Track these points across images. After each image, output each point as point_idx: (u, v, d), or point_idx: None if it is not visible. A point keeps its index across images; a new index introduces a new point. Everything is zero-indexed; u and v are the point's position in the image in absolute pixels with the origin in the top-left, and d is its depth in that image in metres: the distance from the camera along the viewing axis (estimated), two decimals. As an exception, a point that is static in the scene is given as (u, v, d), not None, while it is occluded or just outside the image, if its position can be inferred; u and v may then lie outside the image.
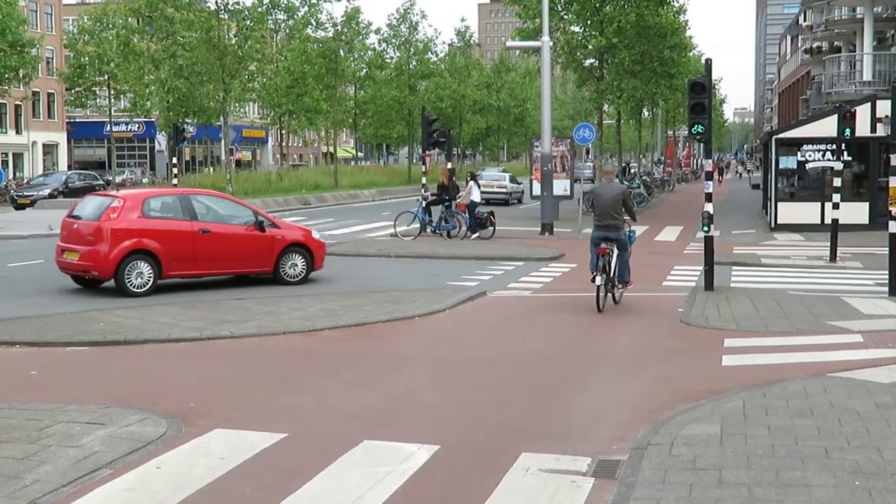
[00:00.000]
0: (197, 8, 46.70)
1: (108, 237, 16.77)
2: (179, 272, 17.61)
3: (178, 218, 17.65)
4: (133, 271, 16.87)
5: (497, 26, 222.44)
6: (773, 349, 12.23)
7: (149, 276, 17.00)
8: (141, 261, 16.93)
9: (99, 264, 16.85)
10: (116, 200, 17.47)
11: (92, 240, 16.92)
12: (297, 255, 18.74)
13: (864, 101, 32.00)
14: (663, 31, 40.61)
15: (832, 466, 7.06)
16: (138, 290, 16.81)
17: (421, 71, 70.60)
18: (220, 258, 17.99)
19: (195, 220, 17.74)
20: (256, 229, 18.30)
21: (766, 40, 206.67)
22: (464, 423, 8.80)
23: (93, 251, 16.85)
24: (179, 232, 17.44)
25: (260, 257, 18.34)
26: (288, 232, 18.92)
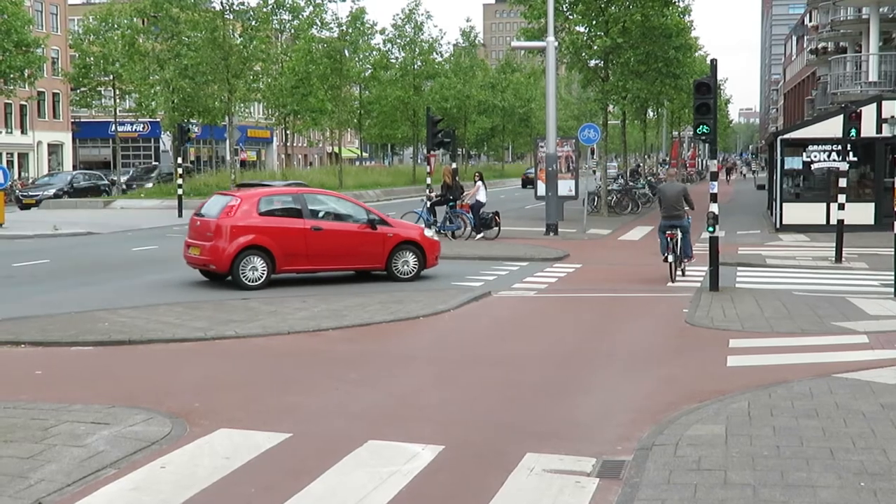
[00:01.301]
0: (202, 8, 46.78)
1: (225, 234, 17.79)
2: (292, 267, 18.47)
3: (291, 216, 18.55)
4: (247, 266, 17.81)
5: (502, 26, 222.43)
6: (778, 350, 12.21)
7: (262, 270, 17.93)
8: (255, 256, 17.86)
9: (216, 259, 17.85)
10: (234, 199, 18.55)
11: (211, 236, 17.98)
12: (409, 252, 19.28)
13: (870, 101, 31.95)
14: (668, 32, 40.53)
15: (837, 467, 7.04)
16: (252, 283, 17.77)
17: (426, 71, 70.56)
18: (332, 255, 18.72)
19: (308, 218, 18.56)
20: (368, 227, 18.91)
21: (771, 41, 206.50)
22: (468, 423, 8.80)
23: (212, 247, 17.88)
24: (292, 229, 18.32)
25: (371, 254, 18.96)
26: (400, 230, 19.45)
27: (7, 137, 71.34)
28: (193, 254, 18.45)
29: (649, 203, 45.67)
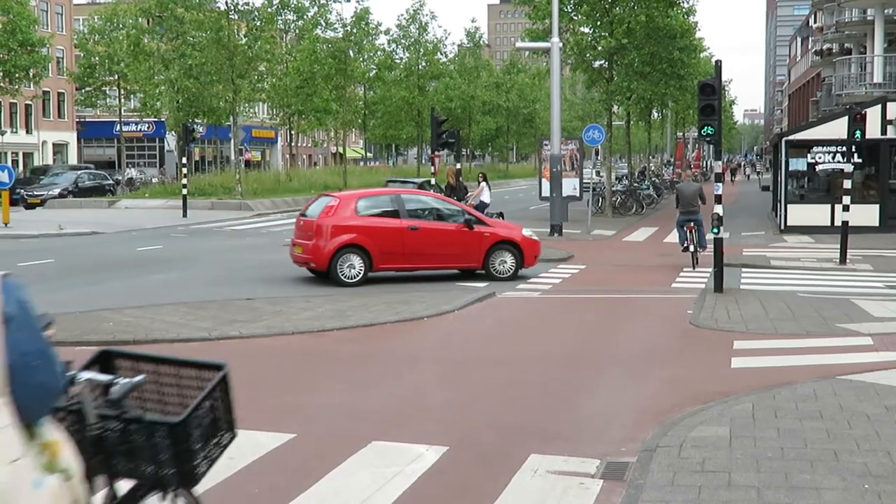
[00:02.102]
0: (207, 8, 46.80)
1: (324, 233, 18.58)
2: (389, 265, 19.09)
3: (389, 216, 19.25)
4: (345, 263, 18.51)
5: (506, 27, 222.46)
6: (782, 351, 12.21)
7: (360, 268, 18.61)
8: (353, 254, 18.58)
9: (316, 257, 18.63)
10: (333, 200, 19.59)
11: (312, 235, 18.76)
12: (507, 252, 19.52)
13: (875, 102, 31.93)
14: (673, 33, 40.54)
15: (841, 469, 7.04)
16: (350, 280, 18.46)
17: (430, 72, 70.56)
18: (428, 254, 19.21)
19: (405, 217, 19.17)
20: (464, 227, 19.31)
21: (776, 42, 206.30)
22: (472, 424, 8.80)
23: (312, 245, 18.67)
24: (389, 228, 18.98)
25: (468, 253, 19.32)
26: (497, 229, 19.74)
27: (12, 137, 71.39)
28: (297, 252, 19.23)
29: (654, 204, 45.68)
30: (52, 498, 3.30)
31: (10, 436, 3.22)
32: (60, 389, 3.62)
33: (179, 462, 4.39)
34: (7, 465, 3.12)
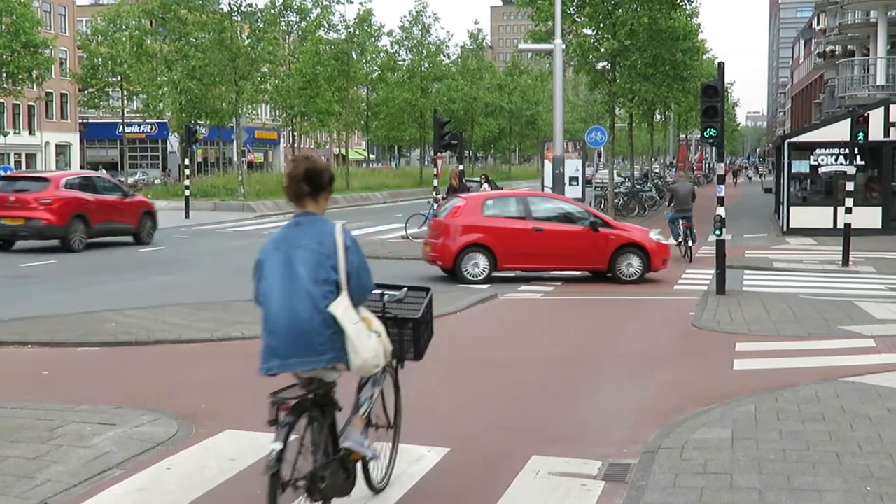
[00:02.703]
0: (210, 10, 46.87)
1: (450, 232, 19.41)
2: (514, 265, 19.63)
3: (513, 217, 19.77)
4: (470, 262, 19.24)
5: (509, 29, 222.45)
6: (784, 353, 12.20)
7: (484, 267, 19.27)
8: (478, 253, 19.25)
9: (443, 255, 19.49)
10: (461, 201, 20.38)
11: (439, 235, 19.61)
12: (633, 254, 19.63)
13: (878, 104, 31.94)
14: (676, 35, 40.55)
15: (844, 471, 7.03)
16: (474, 278, 19.12)
17: (433, 73, 70.60)
18: (552, 254, 19.55)
19: (530, 219, 19.66)
20: (589, 229, 19.51)
21: (779, 44, 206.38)
22: (474, 425, 8.79)
23: (439, 244, 19.50)
24: (514, 229, 19.51)
25: (592, 255, 19.51)
26: (623, 232, 19.86)
27: (15, 138, 71.55)
28: (427, 251, 20.08)
29: (656, 206, 45.64)
30: (377, 343, 5.81)
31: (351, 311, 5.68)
32: (371, 288, 6.02)
33: (415, 344, 6.86)
34: (353, 325, 5.65)
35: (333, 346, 5.67)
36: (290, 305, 5.69)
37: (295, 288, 5.68)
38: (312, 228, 5.77)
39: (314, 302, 5.65)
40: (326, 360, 5.69)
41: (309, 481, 5.66)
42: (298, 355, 5.68)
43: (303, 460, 5.69)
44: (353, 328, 5.68)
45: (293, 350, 5.69)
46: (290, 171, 5.87)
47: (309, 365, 5.70)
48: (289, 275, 5.71)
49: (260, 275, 5.88)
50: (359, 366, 5.75)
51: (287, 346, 5.70)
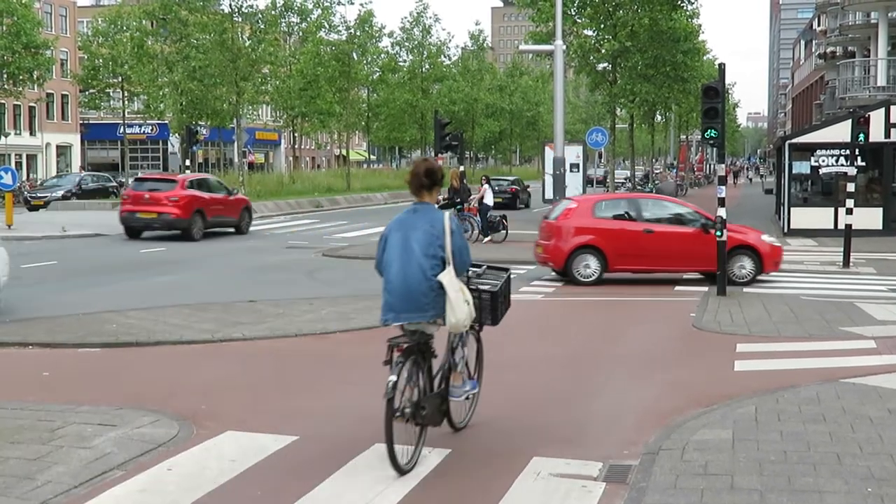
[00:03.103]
0: (211, 11, 46.89)
1: (562, 234, 19.67)
2: (624, 267, 19.67)
3: (625, 219, 19.92)
4: (581, 263, 19.40)
5: (510, 30, 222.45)
6: (785, 354, 12.20)
7: (595, 268, 19.42)
8: (589, 255, 19.41)
9: (554, 256, 19.73)
10: (572, 203, 20.82)
11: (550, 236, 19.86)
12: (745, 257, 19.61)
13: (879, 106, 31.93)
14: (676, 36, 40.59)
15: (844, 473, 7.03)
16: (585, 279, 19.32)
17: (434, 74, 70.65)
18: (663, 256, 19.56)
19: (641, 221, 19.81)
20: (701, 231, 19.42)
21: (779, 45, 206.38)
22: (475, 426, 8.79)
23: (551, 246, 19.76)
24: (625, 231, 19.65)
25: (703, 257, 19.12)
26: (735, 234, 19.70)
27: (16, 139, 71.55)
28: (539, 252, 20.31)
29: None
30: (469, 308, 7.52)
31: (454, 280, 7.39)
32: (469, 264, 7.75)
33: (493, 312, 8.34)
34: (455, 292, 7.35)
35: (435, 307, 7.48)
36: (405, 273, 7.46)
37: (410, 260, 7.45)
38: (426, 215, 7.62)
39: (423, 272, 7.42)
40: (429, 316, 7.52)
41: (413, 409, 7.39)
42: (409, 311, 7.51)
43: (409, 392, 7.38)
44: (454, 294, 7.45)
45: (405, 307, 7.51)
46: (413, 169, 7.89)
47: (416, 319, 7.54)
48: (406, 250, 7.48)
49: (383, 248, 7.70)
50: (453, 323, 7.51)
51: (401, 303, 7.52)
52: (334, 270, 21.73)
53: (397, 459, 7.21)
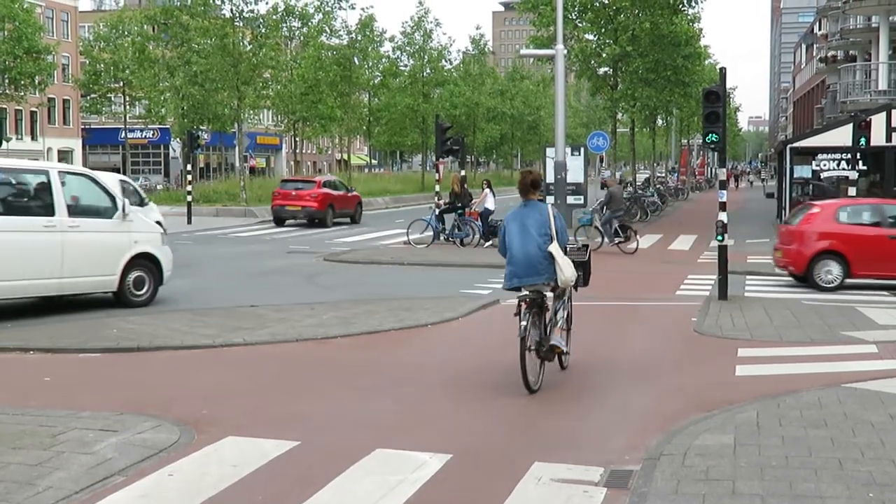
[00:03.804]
0: (212, 15, 46.90)
1: (803, 239, 19.81)
2: (868, 273, 19.65)
3: (868, 224, 20.07)
4: (822, 269, 19.53)
5: (511, 34, 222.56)
6: (787, 359, 12.19)
7: (837, 274, 19.51)
8: (830, 260, 19.51)
9: (795, 261, 19.91)
10: (814, 208, 20.74)
11: (792, 241, 20.06)
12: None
13: (880, 110, 31.94)
14: (677, 40, 40.59)
15: (846, 478, 7.02)
16: (827, 285, 19.41)
17: (435, 79, 70.65)
18: None
19: (885, 226, 19.82)
20: None
21: (780, 49, 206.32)
22: (476, 431, 8.79)
23: (792, 251, 19.95)
24: (869, 236, 19.69)
25: None
26: None
27: (17, 144, 71.55)
28: (778, 256, 20.58)
29: (658, 211, 45.67)
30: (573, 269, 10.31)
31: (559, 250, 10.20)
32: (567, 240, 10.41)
33: (585, 277, 11.11)
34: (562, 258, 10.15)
35: (548, 271, 10.21)
36: (526, 249, 10.19)
37: (528, 239, 10.19)
38: (535, 207, 10.43)
39: (539, 246, 10.17)
40: (544, 278, 10.25)
41: (537, 346, 10.24)
42: (530, 276, 10.21)
43: (533, 332, 10.11)
44: (562, 259, 10.23)
45: (527, 273, 10.21)
46: (521, 178, 10.67)
47: (535, 281, 10.23)
48: (524, 232, 10.23)
49: (503, 234, 10.49)
50: (563, 280, 10.26)
51: (524, 271, 10.22)
52: (335, 275, 21.73)
53: (529, 382, 10.04)
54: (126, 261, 16.10)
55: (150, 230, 16.95)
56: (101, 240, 15.80)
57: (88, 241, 15.54)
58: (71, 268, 15.27)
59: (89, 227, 15.61)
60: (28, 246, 14.70)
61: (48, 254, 14.94)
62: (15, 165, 16.27)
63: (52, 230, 14.96)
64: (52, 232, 14.96)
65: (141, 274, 16.42)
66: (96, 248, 15.68)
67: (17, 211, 14.87)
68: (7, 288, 14.71)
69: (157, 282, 16.78)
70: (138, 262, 16.35)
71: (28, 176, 15.52)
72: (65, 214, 15.13)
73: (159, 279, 16.81)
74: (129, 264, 16.18)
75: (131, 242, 16.21)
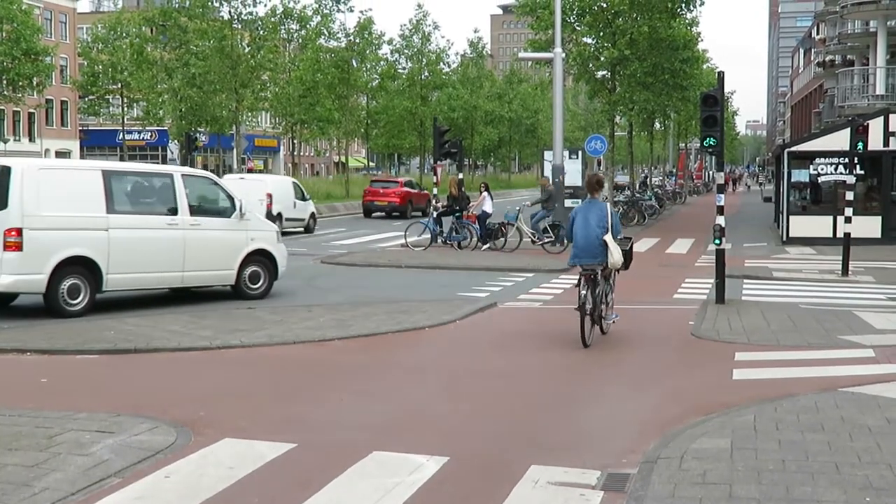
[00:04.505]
0: (210, 17, 46.91)
1: None
2: None
3: None
4: None
5: (509, 37, 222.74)
6: (784, 363, 12.19)
7: None
8: None
9: None
10: None
11: None
12: None
13: (877, 114, 31.92)
14: (676, 44, 40.56)
15: (843, 482, 7.02)
16: None
17: (433, 81, 70.67)
18: None
19: None
20: None
21: (778, 53, 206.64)
22: (473, 434, 8.79)
23: None
24: None
25: None
26: None
27: (15, 145, 71.55)
28: None
29: (656, 215, 45.68)
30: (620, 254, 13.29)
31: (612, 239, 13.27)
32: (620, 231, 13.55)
33: (627, 262, 13.57)
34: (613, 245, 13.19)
35: (601, 255, 13.07)
36: (586, 236, 13.09)
37: (589, 229, 13.09)
38: (596, 205, 13.38)
39: (597, 235, 13.03)
40: (598, 260, 13.10)
41: (591, 309, 13.04)
42: (588, 257, 13.14)
43: (589, 299, 12.91)
44: (613, 246, 13.07)
45: (586, 255, 13.15)
46: (588, 179, 13.93)
47: (590, 262, 13.11)
48: (586, 224, 13.14)
49: (571, 223, 13.39)
50: (611, 263, 13.11)
51: (584, 253, 13.17)
52: (333, 277, 21.72)
53: (585, 338, 12.98)
54: (243, 257, 17.48)
55: (266, 229, 18.29)
56: (220, 237, 17.22)
57: (208, 238, 16.99)
58: (192, 262, 16.73)
59: (209, 225, 17.04)
60: (153, 242, 16.20)
61: (171, 249, 16.42)
62: (143, 169, 18.42)
63: (175, 228, 16.45)
64: (175, 229, 16.44)
65: (257, 269, 17.76)
66: (215, 244, 17.11)
67: (144, 210, 16.47)
68: (135, 279, 16.27)
69: (273, 276, 18.07)
70: (254, 258, 17.71)
71: (154, 178, 17.10)
72: (187, 213, 16.60)
73: (274, 274, 18.09)
74: (246, 260, 17.56)
75: (248, 240, 17.57)
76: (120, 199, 15.96)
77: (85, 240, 15.36)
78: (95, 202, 15.51)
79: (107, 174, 15.90)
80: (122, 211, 15.88)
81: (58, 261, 15.04)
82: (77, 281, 15.34)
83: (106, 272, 15.58)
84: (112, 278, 15.72)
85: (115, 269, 15.66)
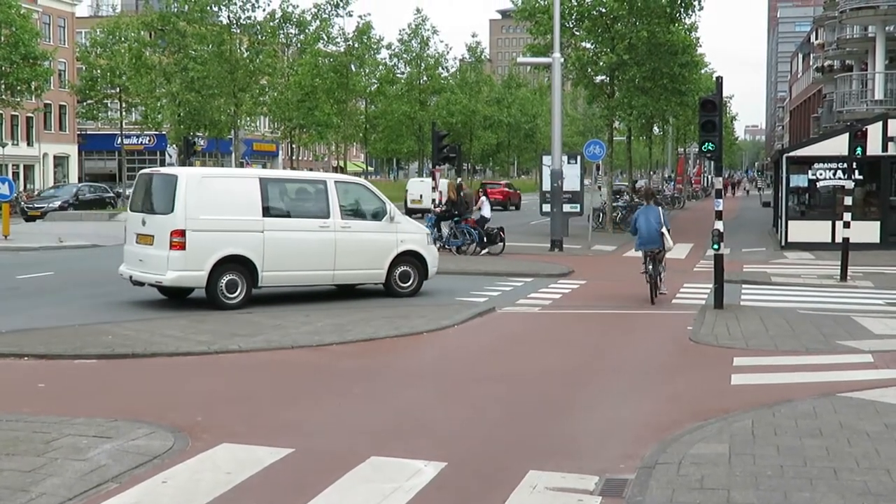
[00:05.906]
0: (209, 22, 46.90)
1: None
2: None
3: None
4: None
5: (508, 42, 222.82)
6: (782, 368, 12.19)
7: None
8: None
9: None
10: None
11: None
12: None
13: (876, 119, 31.95)
14: (674, 49, 40.53)
15: (841, 487, 7.01)
16: None
17: (432, 86, 70.66)
18: None
19: None
20: None
21: (777, 58, 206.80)
22: (471, 439, 8.78)
23: None
24: None
25: None
26: None
27: (13, 149, 71.52)
28: None
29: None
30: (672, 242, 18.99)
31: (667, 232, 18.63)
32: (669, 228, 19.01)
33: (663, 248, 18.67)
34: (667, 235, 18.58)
35: (659, 242, 18.36)
36: (649, 230, 18.37)
37: (650, 225, 18.37)
38: (653, 209, 18.72)
39: (656, 228, 18.33)
40: (657, 245, 18.36)
41: (653, 278, 18.39)
42: (650, 244, 18.38)
43: (652, 271, 18.29)
44: (668, 235, 18.40)
45: (649, 242, 18.37)
46: (645, 191, 22.38)
47: (652, 247, 18.37)
48: (647, 221, 18.39)
49: (635, 221, 18.73)
50: (667, 248, 18.56)
51: (647, 240, 18.41)
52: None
53: (652, 298, 18.17)
54: (393, 257, 18.71)
55: (416, 231, 19.52)
56: (370, 238, 18.46)
57: (358, 240, 18.26)
58: (342, 262, 18.06)
59: (359, 228, 18.36)
60: (306, 243, 17.64)
61: (322, 250, 17.81)
62: (299, 176, 21.01)
63: (327, 230, 17.84)
64: (327, 231, 17.83)
65: (407, 269, 19.00)
66: (365, 245, 18.36)
67: (298, 213, 18.01)
68: (288, 277, 17.77)
69: (423, 276, 19.23)
70: (404, 259, 18.96)
71: (308, 185, 18.93)
72: (338, 217, 17.98)
73: (424, 274, 19.25)
74: (396, 260, 18.80)
75: (397, 242, 18.80)
76: (275, 204, 17.55)
77: (242, 240, 16.96)
78: (253, 206, 17.07)
79: (263, 182, 17.51)
80: (277, 214, 17.47)
81: (217, 259, 16.70)
82: (235, 277, 16.91)
83: (261, 270, 17.11)
84: (267, 275, 17.25)
85: (269, 266, 17.17)
